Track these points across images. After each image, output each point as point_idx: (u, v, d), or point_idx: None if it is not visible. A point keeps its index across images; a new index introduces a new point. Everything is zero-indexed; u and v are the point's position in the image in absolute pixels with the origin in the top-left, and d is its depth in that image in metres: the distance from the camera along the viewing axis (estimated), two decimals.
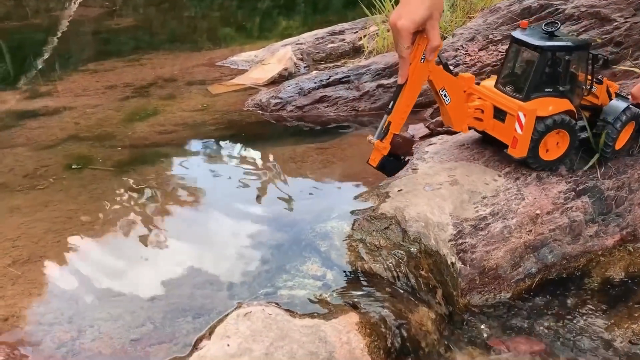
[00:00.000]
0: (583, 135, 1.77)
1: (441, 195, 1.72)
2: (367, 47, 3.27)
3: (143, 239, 1.71)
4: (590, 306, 1.61)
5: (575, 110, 1.71)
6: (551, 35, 1.68)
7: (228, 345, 1.25)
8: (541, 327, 1.55)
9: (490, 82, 1.81)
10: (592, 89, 1.77)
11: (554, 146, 1.74)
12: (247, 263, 1.59)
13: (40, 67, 3.86)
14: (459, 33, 2.85)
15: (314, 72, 3.07)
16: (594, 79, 1.77)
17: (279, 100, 2.72)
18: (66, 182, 2.05)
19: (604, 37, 2.36)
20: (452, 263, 1.58)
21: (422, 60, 1.58)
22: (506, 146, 1.73)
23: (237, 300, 1.43)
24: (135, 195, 1.96)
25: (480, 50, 2.75)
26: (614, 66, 2.29)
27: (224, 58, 3.67)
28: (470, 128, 1.82)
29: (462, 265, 1.58)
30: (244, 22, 5.12)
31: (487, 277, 1.60)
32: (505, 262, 1.62)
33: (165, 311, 1.41)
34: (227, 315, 1.35)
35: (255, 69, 3.32)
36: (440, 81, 1.68)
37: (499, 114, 1.74)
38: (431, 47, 1.55)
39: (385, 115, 1.63)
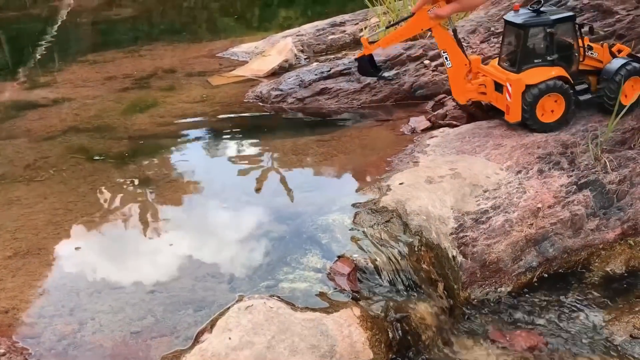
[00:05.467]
0: (585, 97, 1.95)
1: (442, 189, 1.71)
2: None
3: (143, 231, 1.71)
4: (591, 300, 1.61)
5: (568, 76, 1.90)
6: (537, 13, 1.90)
7: (230, 338, 1.25)
8: (541, 321, 1.55)
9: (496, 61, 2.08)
10: (593, 54, 1.95)
11: (552, 109, 1.93)
12: (248, 255, 1.58)
13: (39, 57, 3.84)
14: (460, 25, 2.83)
15: (315, 63, 3.06)
16: (591, 44, 1.95)
17: (279, 92, 2.70)
18: (66, 173, 2.05)
19: (606, 29, 2.35)
20: (453, 256, 1.58)
21: (429, 13, 1.93)
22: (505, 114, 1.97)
23: (238, 293, 1.42)
24: (135, 187, 1.96)
25: (481, 42, 2.73)
26: None
27: (224, 49, 3.66)
28: (475, 102, 2.13)
29: (463, 259, 1.58)
30: (235, 16, 5.09)
31: (488, 271, 1.60)
32: (507, 255, 1.62)
33: (166, 304, 1.41)
34: (228, 308, 1.35)
35: (255, 60, 3.31)
36: (443, 43, 1.99)
37: (499, 87, 1.97)
38: (436, 13, 1.92)
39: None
